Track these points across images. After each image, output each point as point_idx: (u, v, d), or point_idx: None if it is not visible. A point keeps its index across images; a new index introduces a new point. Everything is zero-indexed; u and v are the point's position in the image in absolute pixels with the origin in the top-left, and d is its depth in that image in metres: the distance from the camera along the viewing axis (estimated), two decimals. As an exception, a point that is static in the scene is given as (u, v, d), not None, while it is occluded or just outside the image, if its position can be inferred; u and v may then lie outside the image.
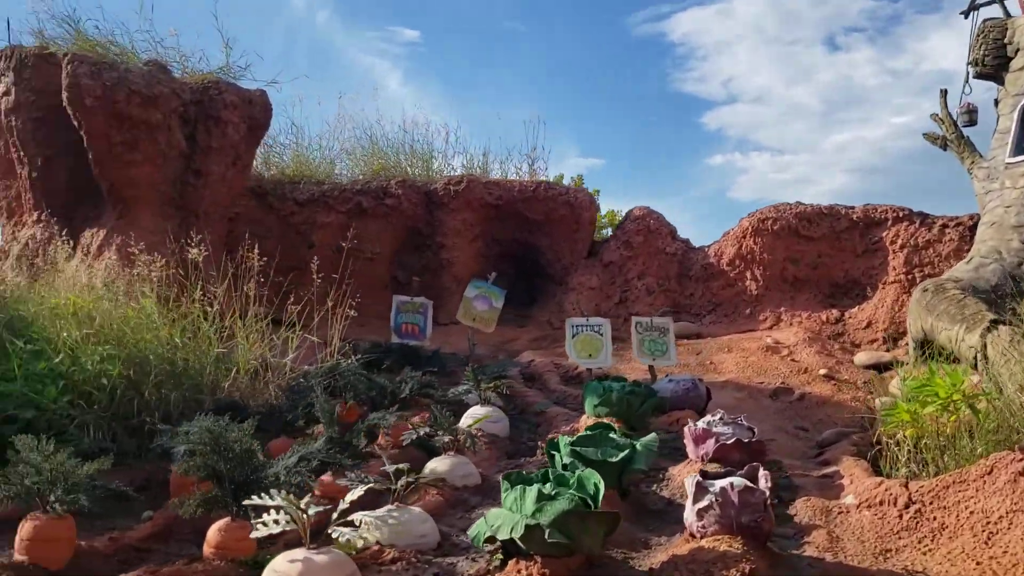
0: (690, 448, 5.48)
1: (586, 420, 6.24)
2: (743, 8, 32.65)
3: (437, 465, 5.29)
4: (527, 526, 3.62)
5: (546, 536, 3.58)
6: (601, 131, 33.87)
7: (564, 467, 4.78)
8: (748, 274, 10.47)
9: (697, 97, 31.92)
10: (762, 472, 4.31)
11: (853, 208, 10.41)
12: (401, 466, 4.39)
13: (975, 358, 6.84)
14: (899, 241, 9.95)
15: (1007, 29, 9.28)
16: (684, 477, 5.45)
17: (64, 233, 7.78)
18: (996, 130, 9.49)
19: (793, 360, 8.66)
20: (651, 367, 7.56)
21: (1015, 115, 9.00)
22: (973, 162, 9.64)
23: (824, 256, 10.25)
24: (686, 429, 5.52)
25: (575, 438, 4.94)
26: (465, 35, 32.21)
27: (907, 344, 8.51)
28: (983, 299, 7.74)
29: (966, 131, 9.92)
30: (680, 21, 30.89)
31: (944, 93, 10.13)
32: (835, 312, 9.83)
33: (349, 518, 3.70)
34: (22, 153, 8.97)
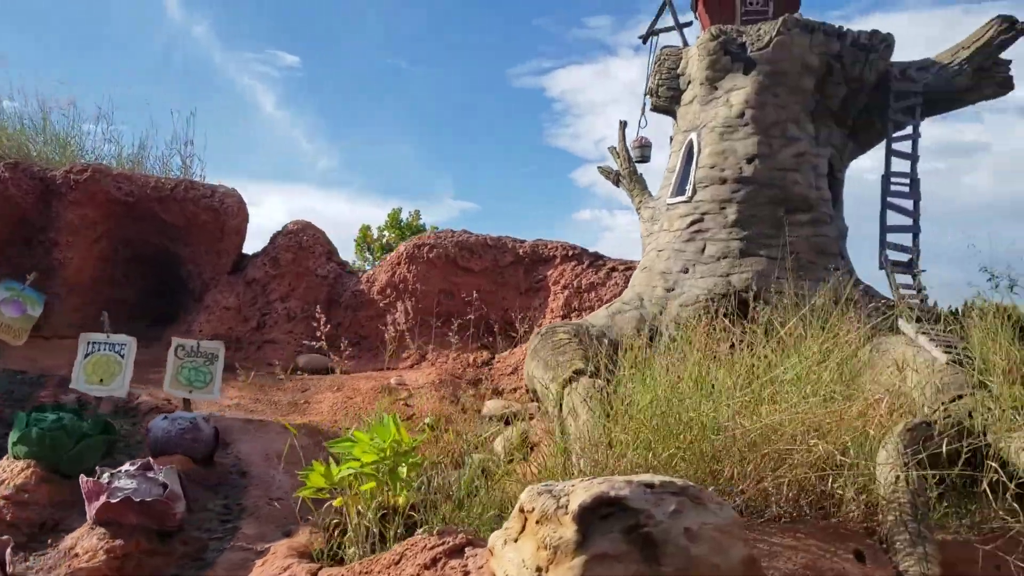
0: (87, 506, 4.04)
1: (7, 464, 4.66)
2: (621, 71, 32.99)
3: None
4: None
5: None
6: (477, 176, 33.49)
7: None
8: (399, 305, 9.19)
9: (569, 153, 32.03)
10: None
11: (523, 242, 9.40)
12: None
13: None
14: (562, 281, 9.00)
15: (681, 59, 8.51)
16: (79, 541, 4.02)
17: None
18: (667, 168, 8.75)
19: (407, 405, 7.41)
20: (186, 401, 6.07)
21: (682, 152, 8.23)
22: (641, 201, 8.87)
23: (484, 292, 9.08)
24: (80, 480, 4.06)
25: None
26: (346, 66, 30.93)
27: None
28: (608, 348, 6.80)
29: (641, 167, 9.18)
30: (559, 77, 30.78)
31: (623, 125, 9.35)
32: (486, 354, 8.71)
33: None
34: None
